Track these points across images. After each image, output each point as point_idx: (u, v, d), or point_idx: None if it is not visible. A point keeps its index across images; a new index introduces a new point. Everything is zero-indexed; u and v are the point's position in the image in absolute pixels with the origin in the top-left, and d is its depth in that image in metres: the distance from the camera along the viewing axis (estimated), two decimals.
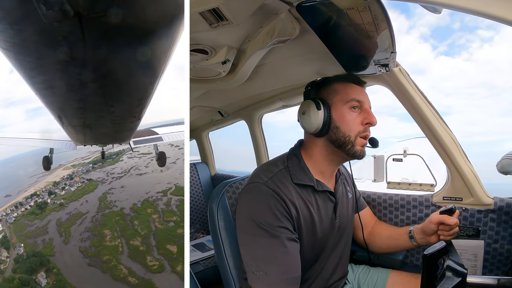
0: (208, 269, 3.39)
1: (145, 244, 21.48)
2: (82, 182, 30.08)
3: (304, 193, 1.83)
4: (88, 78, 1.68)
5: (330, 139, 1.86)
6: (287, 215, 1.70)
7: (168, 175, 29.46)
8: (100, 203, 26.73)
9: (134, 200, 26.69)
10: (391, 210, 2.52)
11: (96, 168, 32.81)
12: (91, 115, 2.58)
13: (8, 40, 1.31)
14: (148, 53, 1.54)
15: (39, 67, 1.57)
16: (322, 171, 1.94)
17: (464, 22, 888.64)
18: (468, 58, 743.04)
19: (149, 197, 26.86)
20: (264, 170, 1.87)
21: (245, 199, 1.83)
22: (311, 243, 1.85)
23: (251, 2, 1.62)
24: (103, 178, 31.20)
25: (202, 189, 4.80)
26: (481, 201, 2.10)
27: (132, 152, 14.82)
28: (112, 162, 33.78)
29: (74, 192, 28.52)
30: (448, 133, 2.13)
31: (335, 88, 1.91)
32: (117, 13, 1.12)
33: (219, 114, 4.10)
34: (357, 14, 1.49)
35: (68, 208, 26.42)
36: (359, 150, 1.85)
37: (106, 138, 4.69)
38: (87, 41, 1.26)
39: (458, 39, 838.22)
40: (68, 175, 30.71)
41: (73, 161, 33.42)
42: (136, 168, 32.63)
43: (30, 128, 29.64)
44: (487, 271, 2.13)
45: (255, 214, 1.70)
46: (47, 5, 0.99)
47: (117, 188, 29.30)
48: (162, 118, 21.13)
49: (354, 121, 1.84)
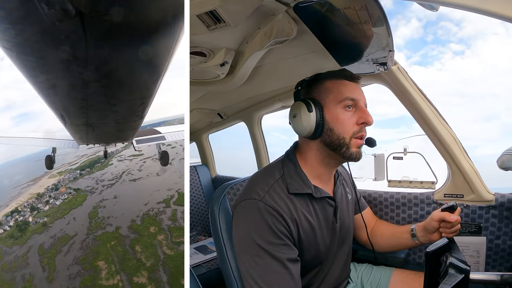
0: (211, 272, 3.38)
1: (153, 282, 16.25)
2: (69, 193, 25.99)
3: (302, 203, 1.75)
4: (90, 77, 1.68)
5: (325, 142, 1.77)
6: (287, 233, 1.64)
7: (167, 180, 25.45)
8: (91, 221, 21.67)
9: (131, 215, 21.34)
10: (393, 208, 2.52)
11: (84, 175, 29.08)
12: (93, 114, 2.57)
13: (10, 40, 1.31)
14: (150, 52, 1.53)
15: (41, 67, 1.57)
16: (320, 175, 1.86)
17: (437, 35, 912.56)
18: (440, 68, 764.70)
19: (149, 209, 21.87)
20: (260, 183, 1.77)
21: (242, 217, 1.73)
22: (314, 252, 1.81)
23: (248, 4, 1.63)
24: (92, 186, 26.83)
25: (203, 191, 4.79)
26: (482, 197, 2.10)
27: (122, 154, 14.59)
28: (101, 167, 30.03)
29: (60, 207, 23.96)
30: (448, 130, 2.13)
31: (327, 86, 1.80)
32: (119, 12, 1.11)
33: (218, 116, 4.11)
34: (354, 14, 1.49)
35: (52, 229, 21.44)
36: (355, 152, 1.75)
37: (108, 137, 4.67)
38: (89, 40, 1.26)
39: (431, 50, 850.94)
40: (53, 185, 27.06)
41: (59, 167, 29.92)
42: (128, 172, 28.58)
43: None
44: (489, 267, 2.12)
45: (254, 234, 1.62)
46: (49, 5, 1.00)
47: (109, 199, 24.40)
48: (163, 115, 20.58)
49: (349, 121, 1.75)
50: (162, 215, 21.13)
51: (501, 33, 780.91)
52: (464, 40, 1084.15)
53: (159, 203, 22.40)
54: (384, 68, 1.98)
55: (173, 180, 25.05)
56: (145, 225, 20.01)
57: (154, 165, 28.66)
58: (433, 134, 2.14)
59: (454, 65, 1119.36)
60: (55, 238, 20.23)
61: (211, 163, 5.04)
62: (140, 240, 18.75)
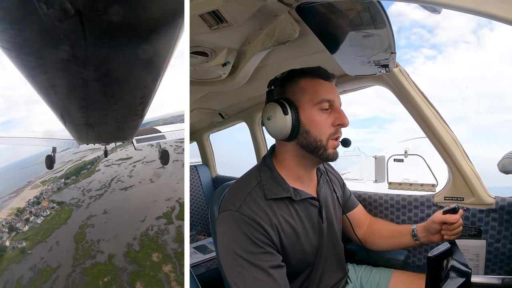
0: (210, 271, 3.38)
1: None
2: (52, 207, 22.09)
3: (282, 207, 1.72)
4: (90, 77, 1.67)
5: (301, 144, 1.74)
6: (268, 240, 1.62)
7: (163, 187, 21.47)
8: (77, 247, 17.13)
9: (126, 236, 16.70)
10: (393, 210, 2.52)
11: (69, 184, 25.26)
12: (93, 113, 2.57)
13: (9, 40, 1.31)
14: (150, 51, 1.52)
15: (41, 67, 1.57)
16: (299, 177, 1.82)
17: (410, 40, 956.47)
18: (413, 72, 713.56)
19: (148, 228, 17.44)
20: (236, 192, 1.75)
21: (221, 229, 1.71)
22: (300, 254, 1.79)
23: (250, 4, 1.62)
24: (78, 199, 22.78)
25: (203, 191, 4.80)
26: (483, 200, 2.10)
27: (109, 157, 13.74)
28: (88, 174, 26.46)
29: (41, 227, 19.87)
30: (449, 133, 2.13)
31: (302, 85, 1.75)
32: (118, 10, 1.11)
33: (219, 116, 4.11)
34: (356, 15, 1.49)
35: (32, 257, 17.03)
36: (332, 153, 1.73)
37: (108, 137, 4.67)
38: (89, 40, 1.25)
39: (403, 54, 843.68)
40: (35, 198, 23.39)
41: (43, 175, 26.71)
42: (117, 179, 24.63)
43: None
44: (489, 271, 2.12)
45: (234, 245, 1.60)
46: (48, 4, 0.99)
47: (98, 215, 19.97)
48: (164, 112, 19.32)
49: (325, 123, 1.71)
50: (165, 235, 16.80)
51: (472, 41, 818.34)
52: (436, 46, 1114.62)
53: (158, 219, 18.20)
54: (385, 70, 1.98)
55: (170, 186, 21.03)
56: (145, 251, 15.55)
57: (145, 170, 25.78)
58: (434, 136, 2.14)
59: (426, 69, 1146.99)
60: (35, 271, 15.88)
61: (211, 163, 5.05)
62: (141, 274, 14.12)
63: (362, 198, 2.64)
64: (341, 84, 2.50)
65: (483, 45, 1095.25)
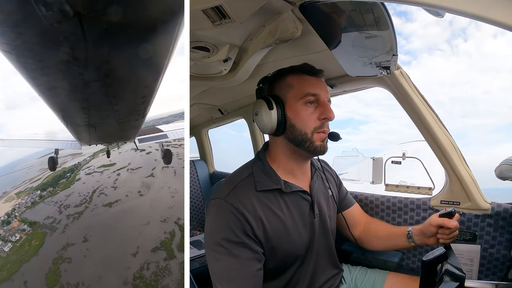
0: (205, 266, 3.36)
1: None
2: (22, 230, 18.33)
3: (271, 199, 1.77)
4: (90, 78, 1.67)
5: (288, 138, 1.80)
6: (249, 231, 1.65)
7: (155, 203, 17.00)
8: None
9: (113, 279, 11.55)
10: (389, 212, 2.52)
11: (45, 197, 21.15)
12: (95, 114, 2.56)
13: (9, 43, 1.31)
14: (150, 50, 1.53)
15: (41, 69, 1.57)
16: (291, 170, 1.88)
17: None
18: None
19: (142, 266, 12.40)
20: (227, 182, 1.81)
21: (208, 216, 1.77)
22: (289, 246, 1.81)
23: (254, 1, 1.62)
24: (54, 218, 18.47)
25: (200, 186, 4.80)
26: (479, 206, 2.11)
27: (90, 164, 12.61)
28: (67, 184, 22.38)
29: (8, 257, 15.49)
30: (448, 137, 2.13)
31: (289, 82, 1.82)
32: (117, 11, 1.11)
33: (219, 112, 4.10)
34: (359, 16, 1.48)
35: None
36: (319, 145, 1.78)
37: (111, 137, 4.67)
38: (88, 41, 1.26)
39: None
40: (6, 215, 19.51)
41: (20, 184, 23.54)
42: (100, 191, 20.30)
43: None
44: (483, 276, 2.13)
45: (215, 232, 1.66)
46: (47, 7, 0.99)
47: (77, 244, 15.03)
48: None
49: (310, 117, 1.77)
50: (166, 277, 11.49)
51: (446, 49, 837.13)
52: (411, 52, 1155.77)
53: (155, 251, 13.06)
54: (386, 72, 1.98)
55: (164, 202, 16.61)
56: None
57: (132, 179, 21.59)
58: (433, 140, 2.14)
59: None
60: None
61: (209, 158, 5.04)
62: None
63: (359, 199, 2.64)
64: (341, 85, 2.50)
65: (456, 53, 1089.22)
